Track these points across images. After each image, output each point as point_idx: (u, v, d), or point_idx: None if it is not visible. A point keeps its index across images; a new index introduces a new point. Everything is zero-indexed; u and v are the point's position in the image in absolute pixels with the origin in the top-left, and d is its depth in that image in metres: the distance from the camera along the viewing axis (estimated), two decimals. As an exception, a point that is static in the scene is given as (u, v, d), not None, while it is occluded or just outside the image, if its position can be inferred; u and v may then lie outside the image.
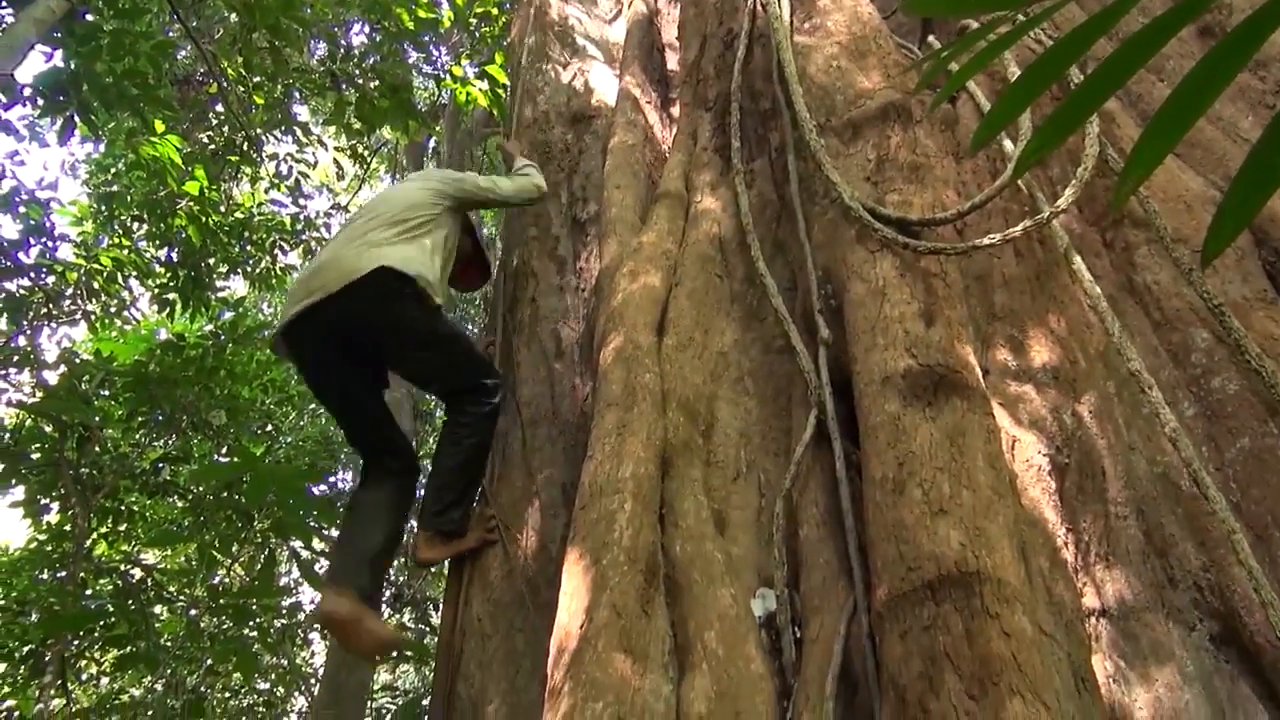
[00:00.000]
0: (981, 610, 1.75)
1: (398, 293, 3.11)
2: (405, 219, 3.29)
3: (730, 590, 2.18)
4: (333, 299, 3.04)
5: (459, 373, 3.27)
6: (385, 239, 3.20)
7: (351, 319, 3.10)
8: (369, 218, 3.30)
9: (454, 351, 3.28)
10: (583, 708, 1.87)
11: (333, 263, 3.13)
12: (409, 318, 3.15)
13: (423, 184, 3.50)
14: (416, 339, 3.19)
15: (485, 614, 3.02)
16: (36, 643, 6.80)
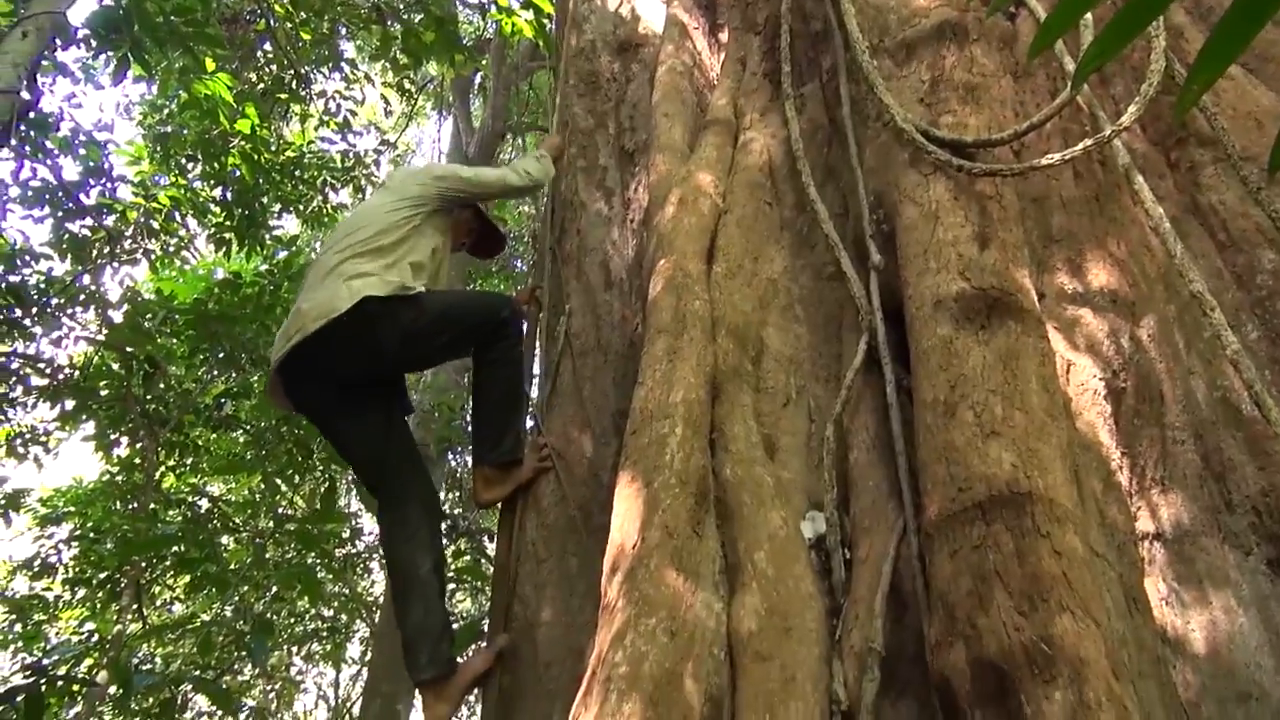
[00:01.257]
0: (1032, 529, 1.75)
1: (380, 315, 2.95)
2: (379, 244, 3.10)
3: (780, 513, 2.20)
4: (314, 340, 2.90)
5: (471, 330, 3.20)
6: (360, 271, 3.01)
7: (338, 358, 2.97)
8: (340, 248, 3.11)
9: (453, 318, 3.16)
10: (636, 623, 1.91)
11: (310, 303, 2.98)
12: (401, 327, 2.99)
13: (396, 200, 3.27)
14: (416, 337, 3.06)
15: (539, 539, 3.09)
16: (112, 569, 7.13)
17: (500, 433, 3.15)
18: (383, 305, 2.96)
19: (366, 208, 3.36)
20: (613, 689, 1.83)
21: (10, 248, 6.46)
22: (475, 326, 3.20)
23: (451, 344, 3.24)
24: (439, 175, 3.42)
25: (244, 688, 8.60)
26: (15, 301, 5.92)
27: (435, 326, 3.10)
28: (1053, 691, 1.55)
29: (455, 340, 3.22)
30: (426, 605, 2.90)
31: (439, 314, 3.11)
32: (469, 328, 3.20)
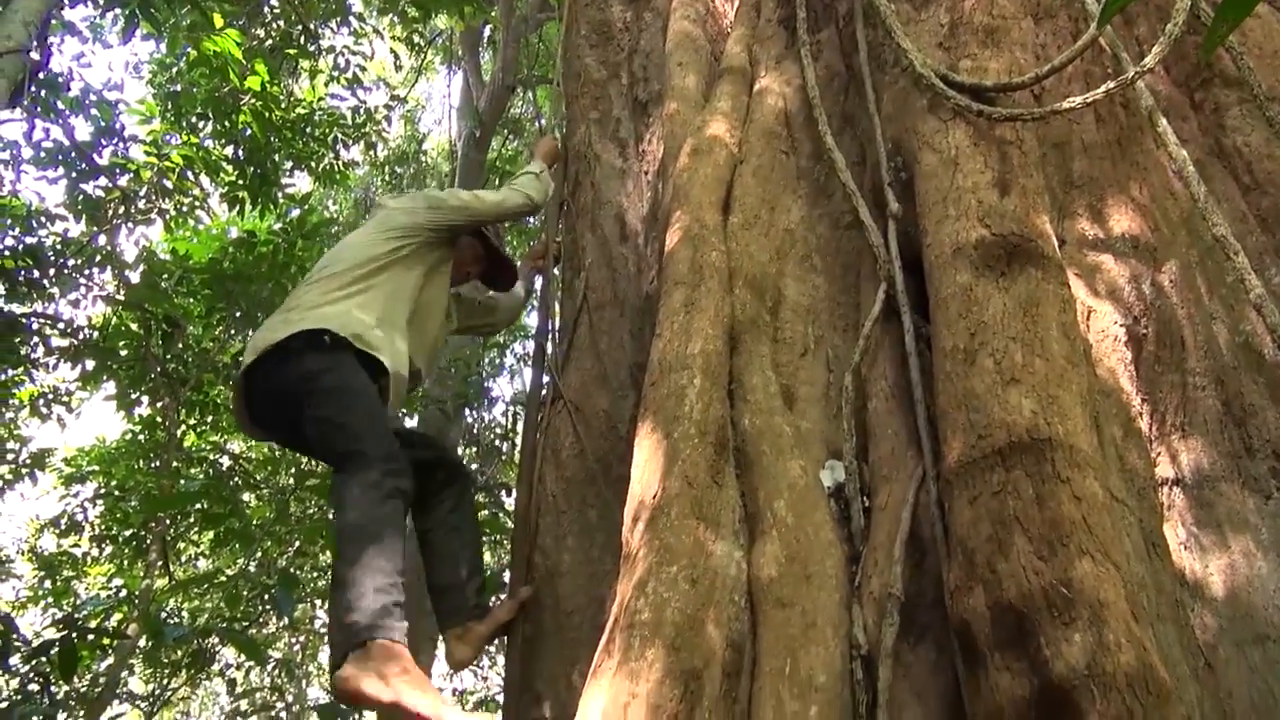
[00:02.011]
0: (1052, 475, 1.76)
1: (302, 352, 2.71)
2: (344, 276, 2.91)
3: (799, 462, 2.22)
4: (258, 363, 2.76)
5: (330, 441, 2.65)
6: (303, 303, 2.84)
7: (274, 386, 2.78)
8: (310, 280, 2.97)
9: (335, 409, 2.65)
10: (658, 571, 1.94)
11: (265, 325, 2.87)
12: (304, 373, 2.70)
13: (381, 231, 3.06)
14: (298, 396, 2.70)
15: (559, 491, 3.12)
16: (137, 526, 7.25)
17: (354, 599, 2.27)
18: (302, 342, 2.72)
19: (349, 239, 3.16)
20: (635, 635, 1.86)
21: (26, 209, 6.48)
22: (335, 442, 2.61)
23: (316, 434, 2.70)
24: (432, 204, 3.18)
25: (269, 640, 8.77)
26: (33, 263, 5.95)
27: (321, 400, 2.66)
28: (1072, 634, 1.56)
29: (318, 433, 2.69)
30: (451, 555, 2.93)
31: (330, 387, 2.67)
32: (332, 434, 2.63)
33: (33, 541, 9.67)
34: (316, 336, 2.73)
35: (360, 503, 2.38)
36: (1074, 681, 1.51)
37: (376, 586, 2.22)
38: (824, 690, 1.82)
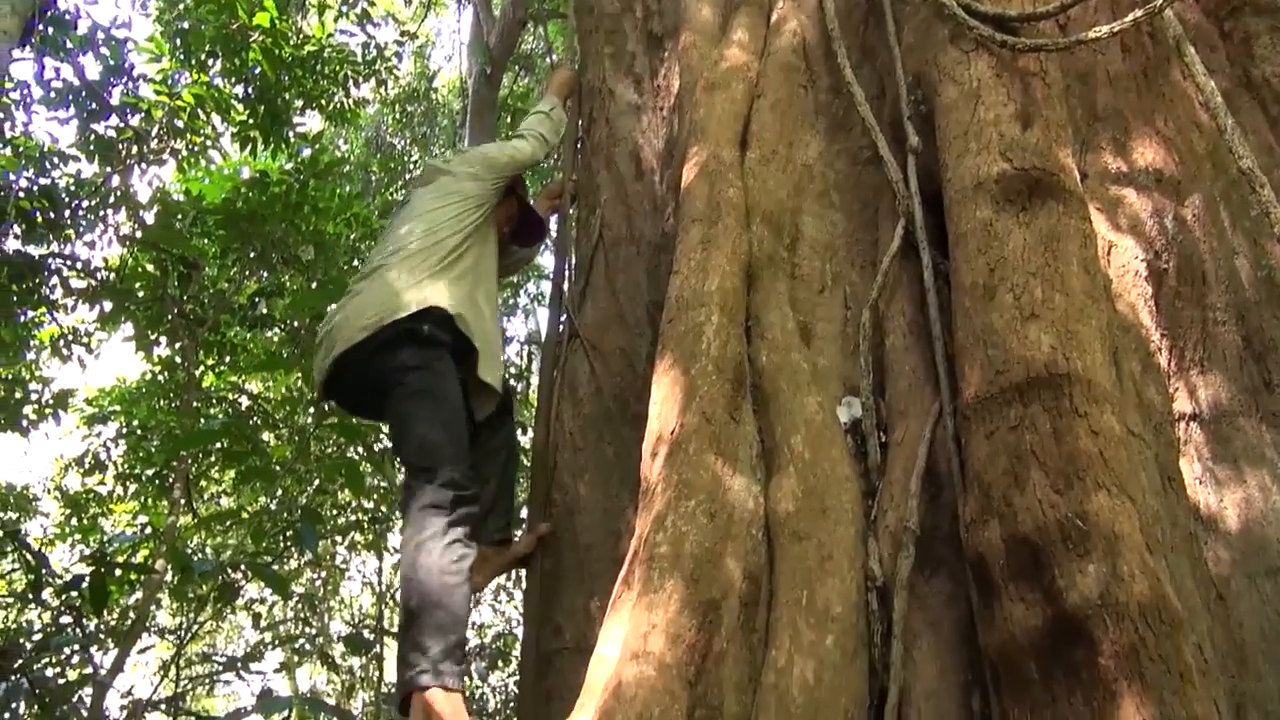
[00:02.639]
0: (1070, 410, 1.76)
1: (397, 343, 2.67)
2: (441, 250, 2.86)
3: (816, 398, 2.23)
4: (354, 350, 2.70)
5: (408, 446, 2.61)
6: (411, 280, 2.77)
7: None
8: (391, 249, 2.90)
9: (419, 418, 2.59)
10: (676, 505, 1.97)
11: (348, 309, 2.78)
12: (397, 366, 2.66)
13: (459, 201, 3.01)
14: (397, 388, 2.67)
15: (576, 429, 3.15)
16: (160, 465, 7.37)
17: (420, 633, 2.27)
18: (397, 331, 2.67)
19: (418, 207, 3.04)
20: (654, 568, 1.90)
21: (39, 150, 6.47)
22: (413, 451, 2.57)
23: (397, 432, 2.72)
24: (488, 164, 3.16)
25: (293, 575, 8.97)
26: (48, 204, 5.95)
27: (407, 400, 2.62)
28: (1086, 565, 1.59)
29: (399, 432, 2.69)
30: (482, 478, 2.91)
31: (423, 392, 2.62)
32: (413, 438, 2.58)
33: (58, 480, 9.84)
34: (414, 326, 2.67)
35: (429, 546, 2.30)
36: (1087, 611, 1.54)
37: (439, 631, 2.19)
38: (839, 620, 1.85)
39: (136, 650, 6.24)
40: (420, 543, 2.30)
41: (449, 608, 2.21)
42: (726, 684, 1.80)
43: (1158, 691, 1.44)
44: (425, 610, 2.19)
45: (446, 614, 2.20)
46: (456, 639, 2.19)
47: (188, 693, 7.81)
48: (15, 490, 9.76)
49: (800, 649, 1.80)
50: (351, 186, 9.62)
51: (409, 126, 12.57)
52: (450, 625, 2.19)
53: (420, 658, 2.13)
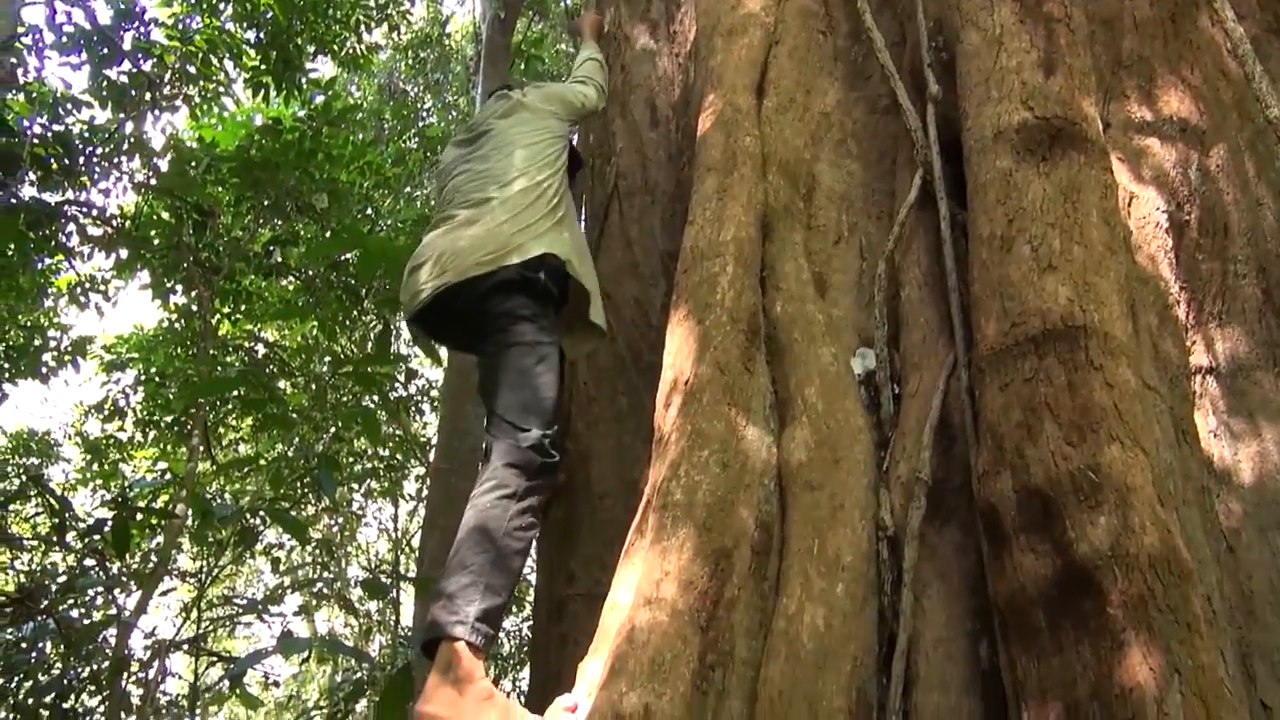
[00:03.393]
0: (1085, 362, 1.76)
1: (512, 286, 2.61)
2: (543, 189, 2.80)
3: (830, 349, 2.23)
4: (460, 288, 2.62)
5: (523, 409, 2.45)
6: (525, 222, 2.70)
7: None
8: (495, 183, 2.80)
9: (531, 381, 2.49)
10: (690, 454, 1.98)
11: (445, 248, 2.69)
12: (507, 311, 2.59)
13: (550, 140, 2.97)
14: (501, 334, 2.58)
15: (590, 379, 3.16)
16: (179, 411, 7.45)
17: (467, 585, 2.13)
18: (513, 273, 2.60)
19: (506, 138, 2.96)
20: (668, 516, 1.92)
21: (53, 95, 6.44)
22: (503, 402, 2.45)
23: (491, 378, 2.56)
24: (567, 103, 3.15)
25: (310, 521, 9.10)
26: (63, 150, 5.95)
27: (511, 348, 2.52)
28: (1097, 517, 1.59)
29: (492, 379, 2.54)
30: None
31: (530, 345, 2.52)
32: (528, 392, 2.47)
33: (79, 426, 9.97)
34: (532, 275, 2.61)
35: (503, 503, 2.23)
36: (1096, 562, 1.55)
37: (487, 591, 2.09)
38: (850, 569, 1.87)
39: (159, 593, 6.36)
40: (495, 498, 2.25)
41: (503, 570, 2.14)
42: (738, 630, 1.83)
43: (1164, 641, 1.45)
44: (479, 566, 2.12)
45: (499, 576, 2.13)
46: (500, 603, 2.12)
47: (209, 634, 7.99)
48: (37, 436, 9.90)
49: (811, 596, 1.83)
50: (364, 134, 9.55)
51: (422, 73, 12.44)
52: (498, 588, 2.12)
53: (462, 608, 2.04)
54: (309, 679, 12.37)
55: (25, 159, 5.33)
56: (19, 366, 7.37)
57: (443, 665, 1.99)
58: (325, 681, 11.39)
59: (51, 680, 4.30)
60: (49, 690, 4.33)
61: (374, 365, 4.10)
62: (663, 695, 1.69)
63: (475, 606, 2.05)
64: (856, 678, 1.76)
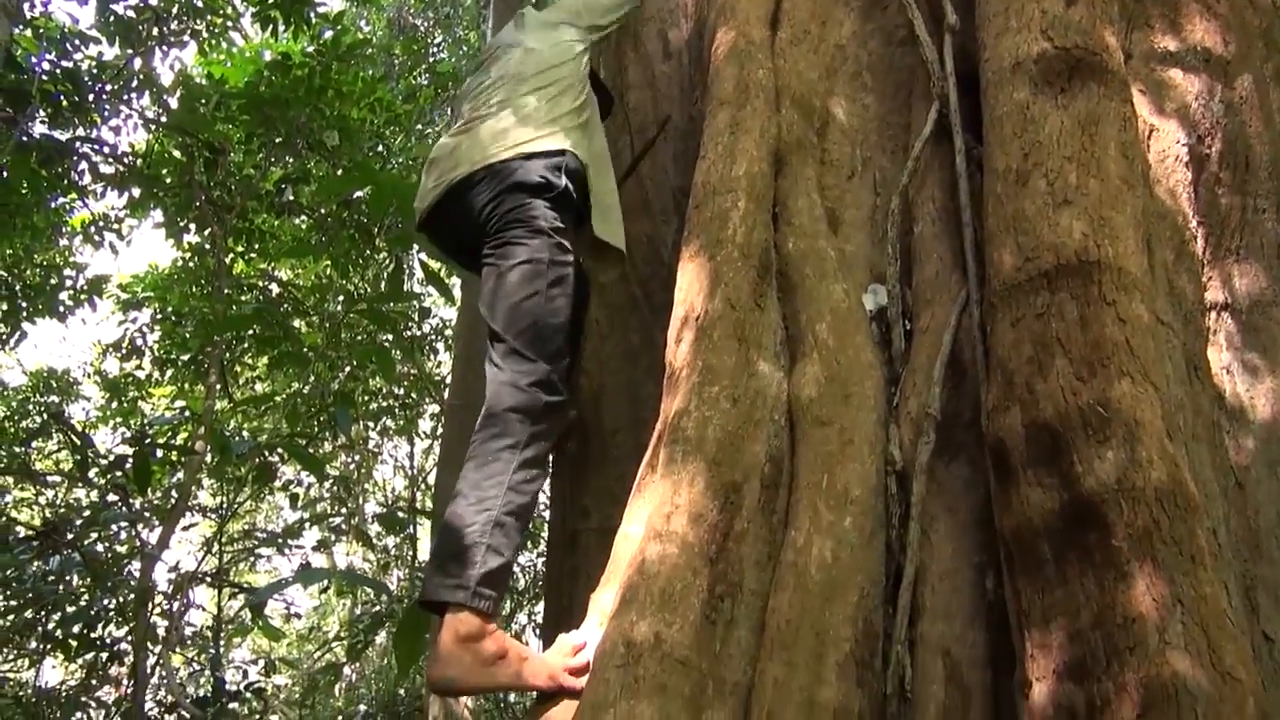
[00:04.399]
0: (1098, 298, 1.75)
1: (527, 185, 2.43)
2: (564, 87, 2.63)
3: (842, 285, 2.22)
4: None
5: (520, 339, 2.27)
6: (547, 115, 2.54)
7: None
8: (513, 77, 2.64)
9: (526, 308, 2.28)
10: (700, 390, 1.99)
11: (484, 133, 2.52)
12: (517, 210, 2.41)
13: (554, 32, 2.82)
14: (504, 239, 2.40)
15: (602, 316, 3.16)
16: (195, 350, 7.52)
17: (468, 547, 1.99)
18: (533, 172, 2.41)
19: (529, 38, 2.81)
20: (679, 450, 1.94)
21: (60, 31, 6.39)
22: (506, 323, 2.28)
23: (494, 296, 2.35)
24: (590, 3, 2.93)
25: (328, 457, 9.22)
26: (72, 87, 5.92)
27: (532, 265, 2.31)
28: (1105, 451, 1.60)
29: (494, 299, 2.33)
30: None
31: (546, 264, 2.32)
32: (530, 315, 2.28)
33: (97, 365, 10.08)
34: (551, 177, 2.40)
35: (505, 455, 2.06)
36: (1103, 495, 1.56)
37: (488, 552, 1.95)
38: (858, 503, 1.89)
39: (180, 528, 6.50)
40: (498, 449, 2.06)
41: (506, 528, 1.99)
42: (746, 562, 1.86)
43: (1168, 573, 1.47)
44: (480, 526, 1.97)
45: (501, 535, 1.98)
46: (504, 563, 1.98)
47: (231, 568, 8.16)
48: (57, 375, 10.02)
49: (819, 529, 1.85)
50: (374, 70, 9.44)
51: (432, 6, 12.23)
52: (501, 547, 1.98)
53: (464, 571, 1.93)
54: (329, 612, 12.66)
55: (34, 95, 5.31)
56: (37, 305, 7.43)
57: (450, 629, 1.90)
58: (345, 614, 11.65)
59: (78, 610, 4.42)
60: (76, 620, 4.46)
61: (387, 303, 4.11)
62: (672, 624, 1.73)
63: (477, 569, 1.93)
64: (863, 608, 1.79)
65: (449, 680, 1.91)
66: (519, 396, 2.15)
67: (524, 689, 1.86)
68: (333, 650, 9.45)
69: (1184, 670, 1.38)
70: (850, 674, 1.72)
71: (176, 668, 6.09)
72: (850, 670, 1.72)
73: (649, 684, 1.67)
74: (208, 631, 6.95)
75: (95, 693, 5.09)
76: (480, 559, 1.94)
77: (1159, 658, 1.39)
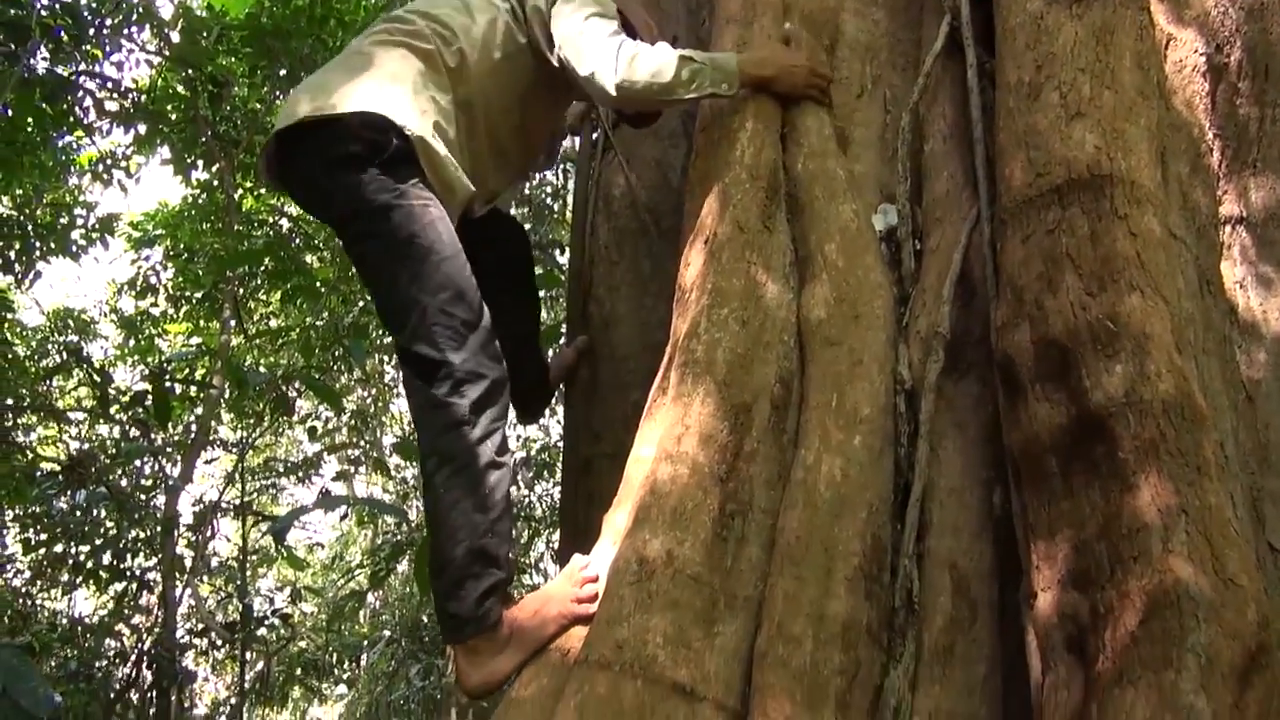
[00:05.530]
0: (1110, 212, 1.73)
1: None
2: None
3: (852, 205, 2.20)
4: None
5: (391, 319, 2.09)
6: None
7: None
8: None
9: (394, 272, 2.02)
10: (710, 313, 2.00)
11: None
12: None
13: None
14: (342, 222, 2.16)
15: (611, 242, 3.15)
16: (208, 286, 7.55)
17: (456, 583, 1.89)
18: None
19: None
20: (689, 373, 1.95)
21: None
22: (402, 318, 2.02)
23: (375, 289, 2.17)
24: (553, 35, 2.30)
25: (344, 390, 9.31)
26: (71, 21, 5.84)
27: (384, 252, 2.04)
28: (1114, 365, 1.60)
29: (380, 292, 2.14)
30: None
31: (400, 243, 2.00)
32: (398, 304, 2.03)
33: (113, 303, 10.13)
34: (379, 137, 2.04)
35: (456, 482, 1.90)
36: (1110, 409, 1.57)
37: (477, 577, 1.88)
38: (868, 421, 1.91)
39: (201, 462, 6.61)
40: (445, 478, 1.90)
41: (486, 554, 1.90)
42: (756, 481, 1.88)
43: (1174, 484, 1.48)
44: (459, 559, 1.88)
45: (481, 557, 1.89)
46: (493, 582, 1.89)
47: (253, 501, 8.31)
48: (74, 314, 10.09)
49: (828, 448, 1.87)
50: (376, -2, 9.26)
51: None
52: (481, 573, 1.89)
53: (458, 607, 1.87)
54: (351, 542, 12.92)
55: (34, 29, 5.25)
56: (49, 244, 7.45)
57: (462, 655, 1.92)
58: (366, 544, 11.89)
59: (106, 540, 4.53)
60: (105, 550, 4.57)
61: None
62: (684, 541, 1.77)
63: (470, 598, 1.86)
64: (872, 524, 1.82)
65: (475, 686, 1.91)
66: (444, 415, 1.92)
67: (546, 641, 1.86)
68: (355, 579, 9.67)
69: (1186, 576, 1.40)
70: (859, 588, 1.76)
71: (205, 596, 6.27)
72: (859, 584, 1.76)
73: (662, 599, 1.71)
74: (233, 562, 7.12)
75: (127, 620, 5.25)
76: (470, 589, 1.87)
77: (1162, 564, 1.42)
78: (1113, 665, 1.42)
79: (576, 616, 1.87)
